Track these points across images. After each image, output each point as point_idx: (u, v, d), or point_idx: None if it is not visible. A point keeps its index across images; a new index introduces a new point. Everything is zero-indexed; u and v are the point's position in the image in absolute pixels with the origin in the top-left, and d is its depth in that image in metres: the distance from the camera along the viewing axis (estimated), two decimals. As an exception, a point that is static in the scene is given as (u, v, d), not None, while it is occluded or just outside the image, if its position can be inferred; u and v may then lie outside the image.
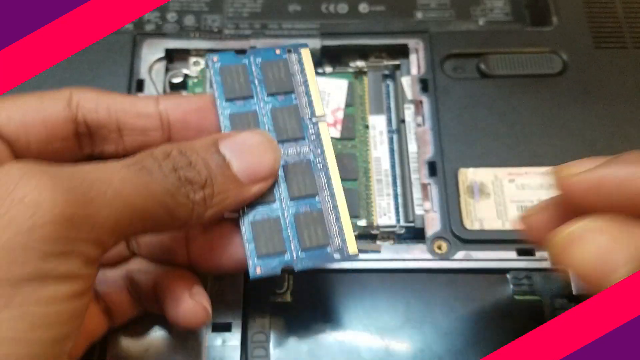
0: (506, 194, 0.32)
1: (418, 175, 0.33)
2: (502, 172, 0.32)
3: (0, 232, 0.18)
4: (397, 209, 0.33)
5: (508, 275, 0.30)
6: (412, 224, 0.32)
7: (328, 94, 0.36)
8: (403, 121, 0.35)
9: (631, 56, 0.36)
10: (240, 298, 0.29)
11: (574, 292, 0.30)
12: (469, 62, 0.36)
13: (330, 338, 0.29)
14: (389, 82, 0.37)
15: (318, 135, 0.26)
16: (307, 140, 0.26)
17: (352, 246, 0.25)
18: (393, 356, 0.29)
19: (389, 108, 0.36)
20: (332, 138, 0.34)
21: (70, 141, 0.25)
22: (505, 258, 0.31)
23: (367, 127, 0.36)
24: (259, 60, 0.27)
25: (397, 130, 0.35)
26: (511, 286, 0.30)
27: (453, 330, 0.29)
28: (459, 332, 0.29)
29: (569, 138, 0.33)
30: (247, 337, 0.29)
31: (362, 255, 0.31)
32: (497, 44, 0.36)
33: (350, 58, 0.37)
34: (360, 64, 0.37)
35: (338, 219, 0.25)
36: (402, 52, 0.37)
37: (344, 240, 0.25)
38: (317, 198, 0.25)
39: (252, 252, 0.24)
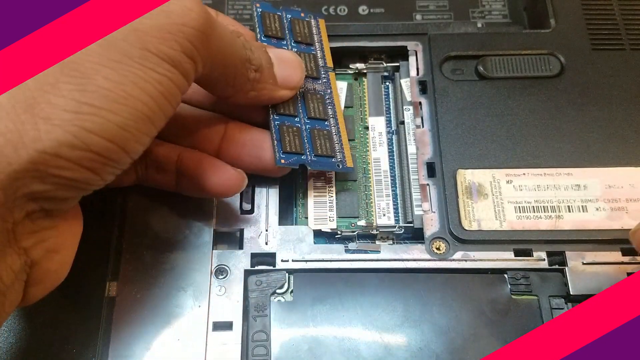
0: (504, 195, 0.32)
1: (417, 176, 0.34)
2: (500, 173, 0.33)
3: (162, 17, 0.22)
4: (396, 209, 0.33)
5: (506, 275, 0.31)
6: (411, 225, 0.32)
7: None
8: (402, 122, 0.36)
9: (628, 58, 0.36)
10: (241, 297, 0.30)
11: (571, 291, 0.30)
12: (468, 64, 0.37)
13: (330, 337, 0.29)
14: (389, 84, 0.38)
15: (328, 79, 0.34)
16: (320, 81, 0.34)
17: (349, 161, 0.32)
18: (392, 355, 0.29)
19: (388, 109, 0.37)
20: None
21: None
22: (502, 258, 0.31)
23: (366, 128, 0.36)
24: (289, 16, 0.34)
25: (397, 132, 0.36)
26: (509, 286, 0.31)
27: (451, 329, 0.29)
28: (457, 331, 0.29)
29: (566, 139, 0.34)
30: (248, 336, 0.29)
31: (361, 255, 0.31)
32: (495, 46, 0.37)
33: (350, 60, 0.38)
34: (359, 65, 0.37)
35: (340, 141, 0.33)
36: (401, 54, 0.37)
37: (343, 157, 0.32)
38: (326, 122, 0.33)
39: (279, 146, 0.31)
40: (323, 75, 0.34)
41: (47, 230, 0.23)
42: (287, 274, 0.31)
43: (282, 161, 0.30)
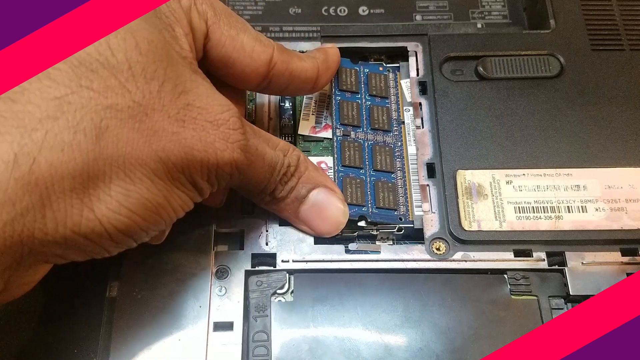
0: (504, 196, 0.32)
1: (417, 176, 0.34)
2: (500, 174, 0.33)
3: (210, 150, 0.25)
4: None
5: (505, 276, 0.31)
6: (411, 225, 0.32)
7: (328, 95, 0.36)
8: (402, 123, 0.36)
9: (628, 58, 0.36)
10: (242, 297, 0.30)
11: (571, 292, 0.30)
12: (468, 65, 0.37)
13: (331, 337, 0.29)
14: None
15: (400, 132, 0.35)
16: (392, 133, 0.35)
17: (411, 215, 0.32)
18: (392, 355, 0.29)
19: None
20: (326, 138, 0.35)
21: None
22: (502, 259, 0.31)
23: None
24: (367, 70, 0.36)
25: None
26: (509, 286, 0.31)
27: (451, 329, 0.30)
28: (457, 331, 0.29)
29: (566, 140, 0.34)
30: (249, 336, 0.29)
31: (361, 256, 0.31)
32: (495, 47, 0.37)
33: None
34: (360, 66, 0.38)
35: (405, 194, 0.33)
36: (401, 54, 0.38)
37: (407, 210, 0.33)
38: (392, 175, 0.33)
39: None
40: (395, 128, 0.35)
41: (35, 269, 0.24)
42: (287, 275, 0.31)
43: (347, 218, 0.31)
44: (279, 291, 0.31)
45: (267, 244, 0.32)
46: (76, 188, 0.22)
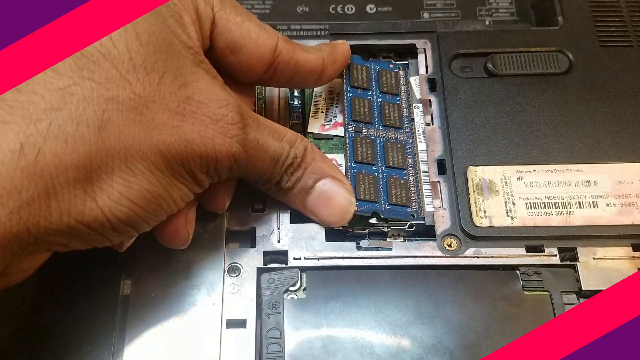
0: (515, 191, 0.32)
1: (427, 173, 0.34)
2: (511, 170, 0.33)
3: (209, 144, 0.25)
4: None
5: (518, 271, 0.31)
6: (422, 222, 0.32)
7: (337, 93, 0.37)
8: (412, 120, 0.36)
9: (636, 54, 0.36)
10: (254, 295, 0.30)
11: (583, 287, 0.30)
12: (477, 62, 0.37)
13: (344, 334, 0.29)
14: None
15: (411, 129, 0.35)
16: (403, 130, 0.35)
17: (423, 211, 0.32)
18: (405, 351, 0.29)
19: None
20: (336, 136, 0.35)
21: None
22: (514, 254, 0.31)
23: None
24: (377, 67, 0.36)
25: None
26: (521, 282, 0.31)
27: (464, 325, 0.30)
28: (470, 327, 0.29)
29: (576, 136, 0.34)
30: (262, 334, 0.29)
31: (373, 253, 0.31)
32: (503, 44, 0.37)
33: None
34: (369, 64, 0.38)
35: (417, 190, 0.33)
36: (410, 52, 0.38)
37: (419, 206, 0.33)
38: (404, 172, 0.33)
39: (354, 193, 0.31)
40: (406, 125, 0.35)
41: (35, 256, 0.24)
42: (299, 272, 0.31)
43: (355, 207, 0.31)
44: (291, 288, 0.31)
45: (278, 242, 0.32)
46: (80, 179, 0.22)
